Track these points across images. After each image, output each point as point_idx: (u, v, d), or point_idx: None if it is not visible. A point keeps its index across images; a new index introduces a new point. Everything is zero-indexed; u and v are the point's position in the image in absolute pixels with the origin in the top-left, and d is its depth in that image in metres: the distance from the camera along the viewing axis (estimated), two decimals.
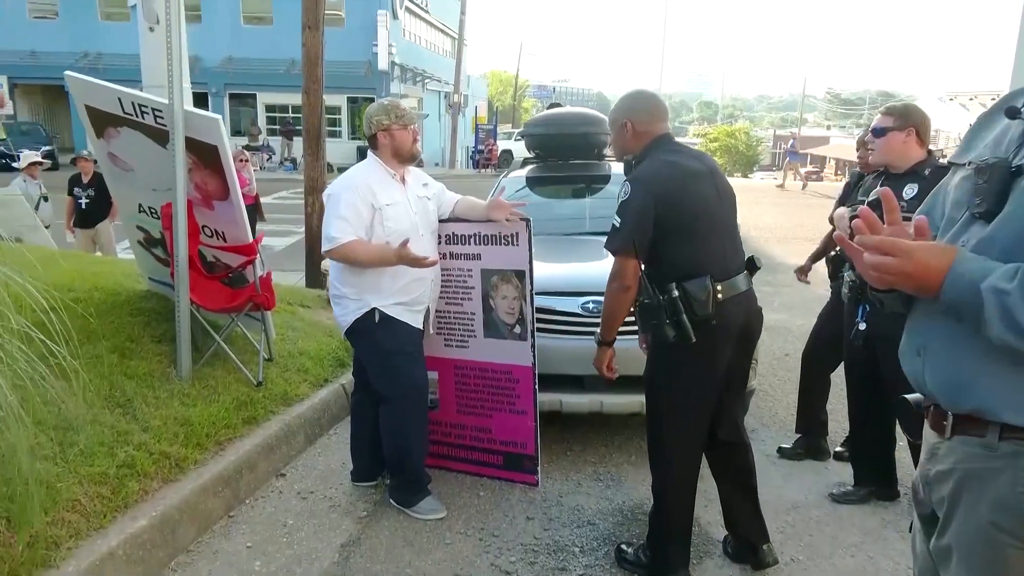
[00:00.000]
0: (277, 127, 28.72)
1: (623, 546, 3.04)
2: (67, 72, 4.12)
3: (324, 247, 3.20)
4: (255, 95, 29.83)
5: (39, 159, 8.71)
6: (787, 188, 24.68)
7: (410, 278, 3.26)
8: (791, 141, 29.21)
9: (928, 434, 1.51)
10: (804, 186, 24.69)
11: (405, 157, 3.35)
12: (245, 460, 3.62)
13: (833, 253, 4.05)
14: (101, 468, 3.05)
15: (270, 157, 27.27)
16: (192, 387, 3.96)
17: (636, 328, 2.91)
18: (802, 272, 4.50)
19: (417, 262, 3.08)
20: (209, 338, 4.32)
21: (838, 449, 4.08)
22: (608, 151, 5.82)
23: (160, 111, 3.93)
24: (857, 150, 4.04)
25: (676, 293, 2.60)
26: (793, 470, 3.94)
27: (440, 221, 3.62)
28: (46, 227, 8.41)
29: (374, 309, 3.25)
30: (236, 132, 29.57)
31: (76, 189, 8.27)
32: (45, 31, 28.77)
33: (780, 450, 4.15)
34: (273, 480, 3.76)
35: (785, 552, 3.10)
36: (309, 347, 5.07)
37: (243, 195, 8.29)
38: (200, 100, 29.37)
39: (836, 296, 3.92)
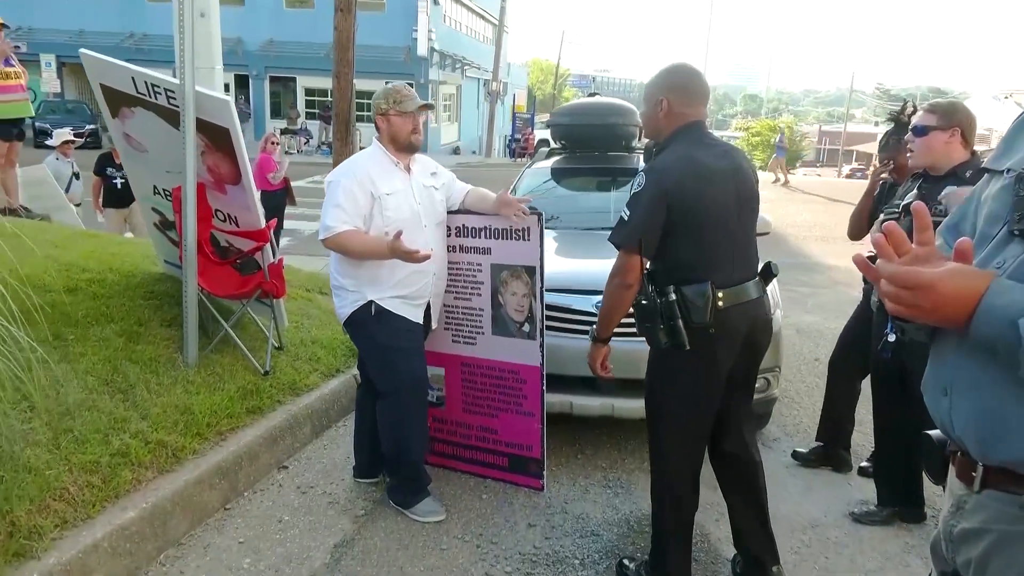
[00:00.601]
0: (316, 111, 28.86)
1: (625, 561, 2.90)
2: (81, 50, 4.06)
3: (320, 235, 3.10)
4: (295, 78, 29.99)
5: (71, 137, 8.76)
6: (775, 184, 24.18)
7: (410, 270, 3.14)
8: (779, 136, 28.57)
9: (954, 483, 1.32)
10: (784, 181, 24.61)
11: (402, 145, 3.23)
12: (246, 451, 3.54)
13: (872, 254, 3.82)
14: (93, 456, 2.99)
15: (308, 140, 27.41)
16: (197, 374, 3.89)
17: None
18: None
19: (409, 256, 2.95)
20: (219, 324, 4.26)
21: (863, 464, 3.88)
22: (636, 143, 5.65)
23: (172, 91, 3.85)
24: (881, 156, 3.73)
25: (673, 297, 2.46)
26: (813, 484, 3.74)
27: (450, 212, 3.49)
28: (76, 205, 8.47)
29: (371, 302, 3.15)
30: (275, 115, 29.83)
31: (109, 169, 8.28)
32: (93, 10, 29.18)
33: (795, 454, 4.00)
34: (274, 473, 3.68)
35: (798, 575, 2.93)
36: (323, 336, 4.98)
37: (272, 179, 8.31)
38: (241, 82, 29.72)
39: (867, 299, 3.72)
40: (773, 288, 4.01)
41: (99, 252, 5.27)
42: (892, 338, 3.08)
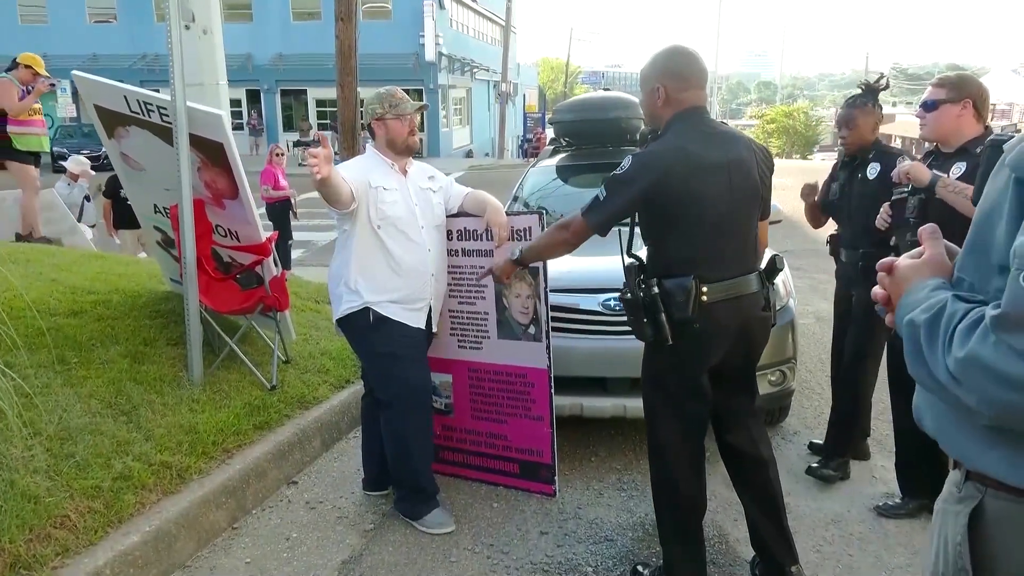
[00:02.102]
0: (328, 121, 28.98)
1: (639, 567, 2.81)
2: (74, 72, 4.05)
3: None
4: (306, 90, 30.15)
5: (88, 170, 8.80)
6: None
7: (405, 270, 3.13)
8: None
9: None
10: None
11: (399, 149, 3.21)
12: (253, 468, 3.49)
13: (833, 232, 3.79)
14: (95, 481, 2.94)
15: None
16: (203, 392, 3.85)
17: None
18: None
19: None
20: (225, 340, 4.22)
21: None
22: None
23: (165, 108, 3.82)
24: (838, 130, 3.60)
25: (656, 290, 2.41)
26: None
27: (450, 216, 3.44)
28: (91, 226, 8.51)
29: (367, 308, 3.10)
30: (288, 128, 30.02)
31: (123, 191, 8.30)
32: (105, 35, 29.59)
33: (811, 445, 3.92)
34: (283, 488, 3.63)
35: (820, 574, 2.82)
36: (332, 347, 4.93)
37: (264, 192, 8.29)
38: (253, 97, 29.93)
39: (841, 281, 3.71)
40: (785, 278, 3.90)
41: (105, 274, 5.26)
42: None
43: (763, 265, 2.64)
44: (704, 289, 2.39)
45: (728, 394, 2.63)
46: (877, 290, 1.23)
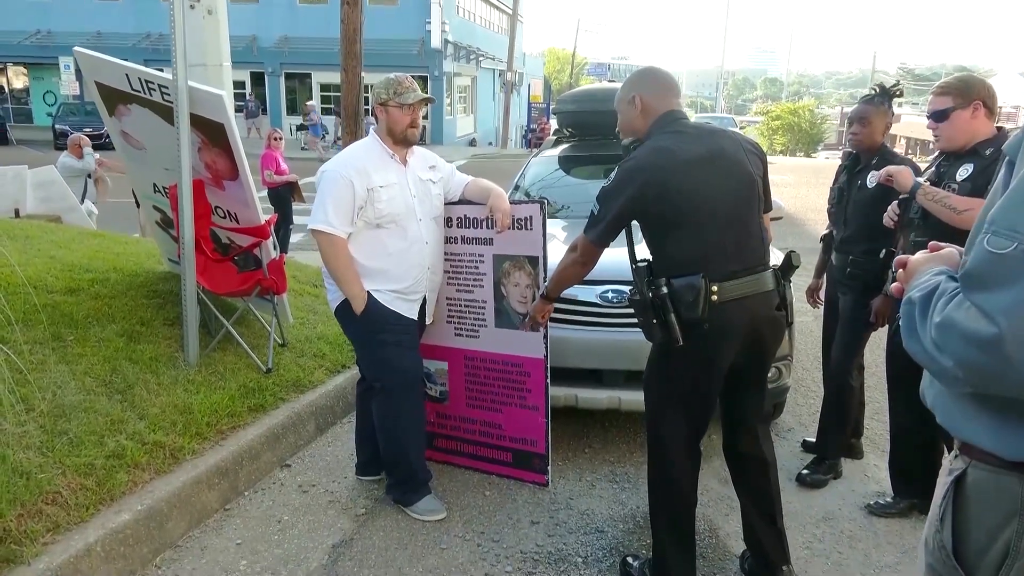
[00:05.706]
0: (332, 106, 28.88)
1: (628, 559, 2.81)
2: (76, 48, 4.03)
3: (315, 224, 3.02)
4: (310, 74, 30.04)
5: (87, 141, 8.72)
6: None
7: (404, 265, 3.11)
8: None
9: None
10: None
11: (397, 138, 3.14)
12: (247, 450, 3.49)
13: (824, 232, 3.81)
14: (88, 458, 2.95)
15: (324, 136, 27.43)
16: (198, 373, 3.85)
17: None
18: (814, 294, 4.06)
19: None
20: (221, 322, 4.21)
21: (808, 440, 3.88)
22: None
23: (166, 87, 3.80)
24: (849, 126, 3.55)
25: (665, 291, 2.38)
26: None
27: (450, 203, 3.42)
28: (94, 202, 8.45)
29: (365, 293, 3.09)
30: (292, 111, 29.92)
31: None
32: (110, 12, 29.44)
33: (804, 444, 3.92)
34: (276, 471, 3.63)
35: (809, 572, 2.83)
36: (329, 331, 4.93)
37: (268, 177, 8.24)
38: (257, 79, 29.84)
39: (828, 283, 3.73)
40: None
41: (103, 252, 5.26)
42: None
43: (780, 262, 2.62)
44: (714, 288, 2.35)
45: (737, 395, 2.60)
46: (895, 285, 1.29)
